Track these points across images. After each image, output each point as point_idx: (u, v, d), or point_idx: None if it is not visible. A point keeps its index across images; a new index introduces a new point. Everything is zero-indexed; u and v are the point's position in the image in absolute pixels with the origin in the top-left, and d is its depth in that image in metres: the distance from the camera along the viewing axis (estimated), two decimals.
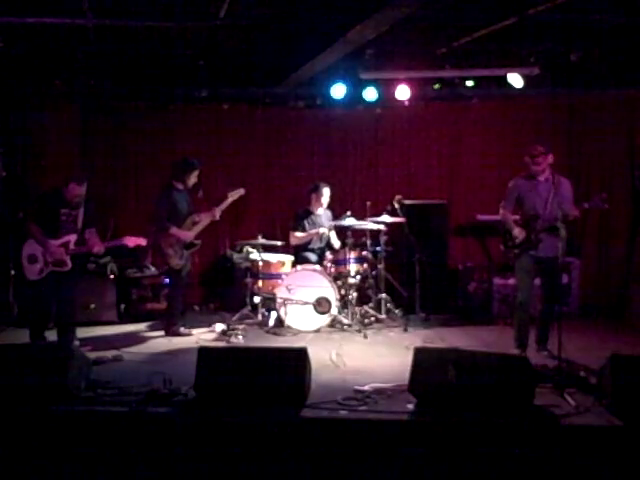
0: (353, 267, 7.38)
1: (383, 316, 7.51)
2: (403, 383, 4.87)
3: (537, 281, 6.18)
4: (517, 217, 6.11)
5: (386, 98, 8.09)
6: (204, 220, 7.09)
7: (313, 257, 7.76)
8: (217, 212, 7.10)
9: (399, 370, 5.27)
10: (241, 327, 7.05)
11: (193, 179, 7.05)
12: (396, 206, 7.65)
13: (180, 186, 7.02)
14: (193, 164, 7.04)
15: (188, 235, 6.98)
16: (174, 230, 6.89)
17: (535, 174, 5.96)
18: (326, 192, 7.82)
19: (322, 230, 7.80)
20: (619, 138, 8.37)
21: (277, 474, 4.27)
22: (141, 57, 7.31)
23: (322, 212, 7.93)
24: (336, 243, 7.91)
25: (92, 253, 6.31)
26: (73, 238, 6.18)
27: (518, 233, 5.96)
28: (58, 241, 6.14)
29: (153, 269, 7.96)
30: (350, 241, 7.33)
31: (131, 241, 6.35)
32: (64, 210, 6.18)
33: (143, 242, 6.42)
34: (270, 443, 4.32)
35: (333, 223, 7.78)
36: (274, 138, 8.75)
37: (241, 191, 7.24)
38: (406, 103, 8.29)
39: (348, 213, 7.50)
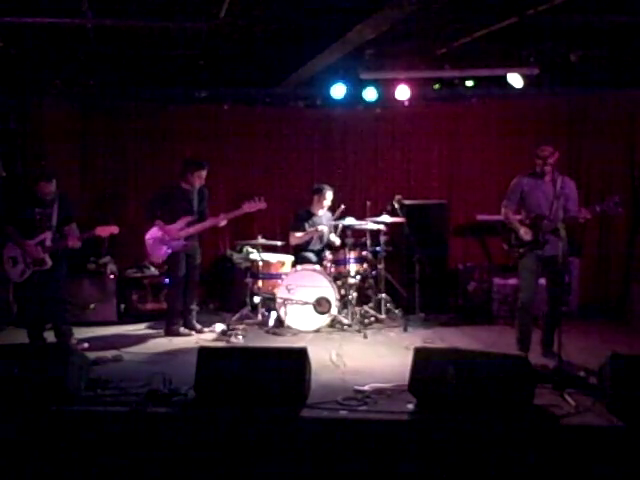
0: (353, 267, 7.38)
1: (383, 316, 7.50)
2: (403, 383, 4.87)
3: (541, 282, 6.07)
4: (520, 216, 6.02)
5: (386, 98, 8.09)
6: (204, 224, 7.04)
7: (313, 257, 7.76)
8: (222, 219, 7.05)
9: (399, 370, 5.26)
10: (241, 327, 7.05)
11: (198, 179, 7.00)
12: (396, 206, 7.64)
13: (186, 185, 7.00)
14: (197, 164, 7.02)
15: (172, 233, 6.90)
16: (157, 222, 6.91)
17: (543, 174, 5.90)
18: (329, 195, 7.81)
19: (321, 227, 7.78)
20: (619, 138, 8.34)
21: (277, 474, 4.27)
22: (141, 57, 7.31)
23: (322, 213, 7.92)
24: (336, 240, 7.85)
25: (68, 248, 6.32)
26: (49, 236, 6.26)
27: (524, 233, 5.86)
28: (34, 240, 6.20)
29: (153, 269, 7.96)
30: (350, 241, 7.33)
31: (104, 231, 6.45)
32: (38, 209, 6.27)
33: (115, 230, 6.52)
34: (270, 443, 4.32)
35: (333, 223, 7.78)
36: (274, 138, 8.74)
37: (260, 205, 7.06)
38: (406, 103, 8.28)
39: (342, 207, 7.49)
